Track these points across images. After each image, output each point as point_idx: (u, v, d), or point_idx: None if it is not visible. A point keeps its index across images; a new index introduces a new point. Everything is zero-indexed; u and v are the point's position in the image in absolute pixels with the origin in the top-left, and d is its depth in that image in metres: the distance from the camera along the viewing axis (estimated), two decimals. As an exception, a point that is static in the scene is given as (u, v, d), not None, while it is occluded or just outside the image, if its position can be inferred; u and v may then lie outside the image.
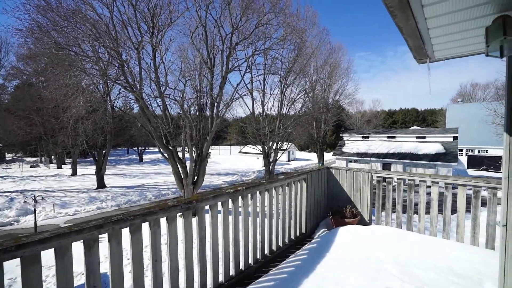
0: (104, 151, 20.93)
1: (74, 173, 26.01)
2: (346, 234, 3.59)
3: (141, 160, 40.39)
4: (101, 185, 20.07)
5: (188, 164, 12.96)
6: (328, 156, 37.24)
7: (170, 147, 12.57)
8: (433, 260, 3.00)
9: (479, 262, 3.01)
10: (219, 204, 2.74)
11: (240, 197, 2.98)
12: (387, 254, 3.10)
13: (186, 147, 13.25)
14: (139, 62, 10.94)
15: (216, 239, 2.72)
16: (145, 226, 2.08)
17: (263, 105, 16.73)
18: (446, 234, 3.63)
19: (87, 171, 28.25)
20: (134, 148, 42.20)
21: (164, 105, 12.25)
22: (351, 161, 25.65)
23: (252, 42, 13.62)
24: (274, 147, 16.66)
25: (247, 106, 16.97)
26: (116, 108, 19.20)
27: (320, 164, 27.29)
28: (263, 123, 16.29)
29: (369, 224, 4.25)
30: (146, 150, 44.58)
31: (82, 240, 1.61)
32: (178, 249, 2.34)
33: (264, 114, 16.82)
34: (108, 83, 17.19)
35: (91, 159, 22.83)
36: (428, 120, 62.75)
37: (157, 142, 12.18)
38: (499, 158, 28.21)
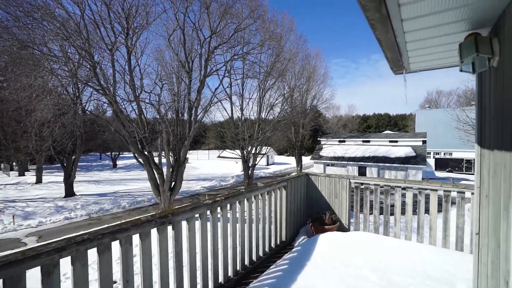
0: (73, 157, 19.69)
1: (39, 180, 24.18)
2: (326, 241, 3.60)
3: (114, 165, 38.54)
4: (70, 193, 18.82)
5: (165, 170, 12.52)
6: (306, 160, 37.87)
7: (146, 153, 12.08)
8: (409, 264, 3.08)
9: (450, 264, 3.13)
10: (196, 216, 2.62)
11: (218, 208, 2.88)
12: (366, 260, 3.14)
13: (163, 152, 12.81)
14: (112, 64, 10.45)
15: (194, 253, 2.59)
16: (116, 244, 1.92)
17: (242, 109, 16.68)
18: (420, 237, 3.77)
19: (54, 178, 26.42)
20: (107, 153, 40.15)
21: (140, 109, 11.78)
22: (328, 165, 26.29)
23: (231, 47, 13.58)
24: (253, 152, 16.63)
25: (226, 111, 16.85)
26: (87, 111, 18.19)
27: (299, 168, 27.69)
28: (242, 127, 16.22)
29: (348, 230, 4.31)
30: (121, 155, 42.61)
31: (39, 267, 1.43)
32: (152, 266, 2.19)
33: (243, 118, 16.76)
34: (79, 85, 16.30)
35: (59, 165, 21.30)
36: (399, 124, 66.20)
37: (132, 148, 11.66)
38: (462, 160, 30.43)
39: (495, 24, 1.41)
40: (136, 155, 12.14)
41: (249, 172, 16.75)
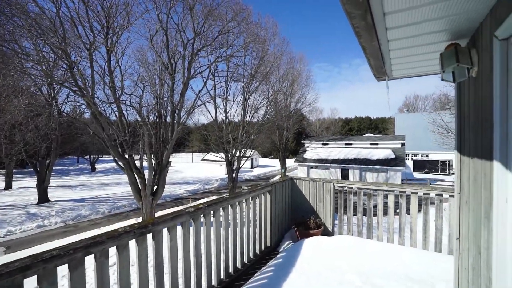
0: (48, 161, 18.67)
1: (8, 186, 22.70)
2: (311, 246, 3.59)
3: (93, 169, 36.98)
4: (43, 199, 17.80)
5: (146, 174, 12.14)
6: (290, 163, 38.22)
7: (127, 156, 11.66)
8: (392, 267, 3.13)
9: (431, 265, 3.22)
10: (178, 227, 2.52)
11: (202, 216, 2.79)
12: (350, 265, 3.15)
13: (145, 156, 12.42)
14: (91, 64, 10.03)
15: (176, 263, 2.48)
16: (90, 259, 1.79)
17: (226, 112, 16.57)
18: (401, 239, 3.85)
19: (26, 183, 24.94)
20: (85, 157, 38.47)
21: (120, 112, 11.37)
22: (312, 167, 26.64)
23: (214, 49, 13.47)
24: (237, 155, 16.52)
25: (210, 113, 16.66)
26: (63, 113, 17.35)
27: (283, 171, 27.87)
28: (226, 130, 16.09)
29: (332, 233, 4.33)
30: (100, 159, 40.97)
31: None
32: (130, 280, 2.06)
33: (227, 121, 16.64)
34: (54, 86, 15.55)
35: (32, 169, 20.09)
36: (380, 127, 68.43)
37: (112, 151, 11.21)
38: (438, 162, 31.91)
39: (473, 36, 1.45)
40: (116, 158, 11.70)
41: (234, 175, 16.62)
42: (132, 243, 2.08)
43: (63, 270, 1.59)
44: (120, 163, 11.75)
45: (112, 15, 9.96)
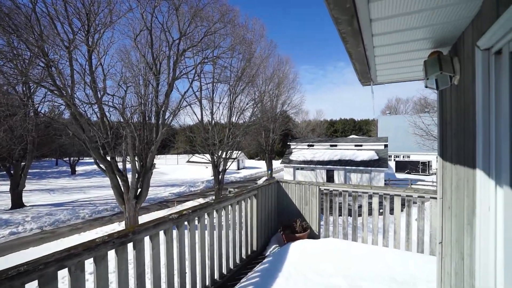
0: (23, 163, 17.75)
1: (-21, 190, 21.42)
2: (297, 250, 3.58)
3: (73, 172, 35.52)
4: (18, 204, 16.89)
5: (130, 176, 11.77)
6: (276, 164, 38.41)
7: (109, 159, 11.28)
8: (377, 270, 3.17)
9: (413, 267, 3.28)
10: (161, 233, 2.42)
11: (186, 222, 2.70)
12: (337, 268, 3.16)
13: (128, 158, 12.05)
14: (70, 63, 9.62)
15: (159, 272, 2.38)
16: (65, 271, 1.68)
17: (212, 113, 16.41)
18: (385, 240, 3.92)
19: (-1, 187, 23.63)
20: (64, 159, 36.90)
21: (102, 113, 10.98)
22: (298, 169, 26.87)
23: (201, 50, 13.31)
24: (223, 156, 16.39)
25: (196, 115, 16.46)
26: (40, 113, 16.55)
27: (269, 172, 27.94)
28: (212, 132, 15.94)
29: (318, 236, 4.35)
30: (80, 161, 39.49)
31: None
32: (109, 293, 1.95)
33: (213, 122, 16.49)
34: (31, 85, 14.83)
35: (5, 172, 19.00)
36: (363, 129, 70.18)
37: (93, 153, 10.80)
38: (418, 162, 33.12)
39: (455, 44, 1.48)
40: (97, 161, 11.28)
41: (220, 177, 16.47)
42: (112, 253, 1.98)
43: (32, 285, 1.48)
44: (101, 165, 11.35)
45: (94, 13, 9.61)
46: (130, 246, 2.16)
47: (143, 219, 13.95)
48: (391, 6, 1.11)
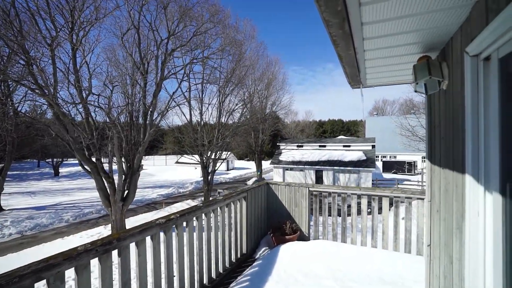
0: (2, 165, 16.99)
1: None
2: (287, 252, 3.57)
3: (56, 174, 34.28)
4: (-4, 207, 16.16)
5: (116, 178, 11.47)
6: (266, 165, 38.46)
7: (94, 160, 10.94)
8: (366, 271, 3.19)
9: (401, 267, 3.33)
10: (148, 239, 2.34)
11: (174, 227, 2.63)
12: (327, 270, 3.17)
13: (114, 159, 11.73)
14: (53, 61, 9.27)
15: (145, 281, 2.30)
16: (42, 284, 1.58)
17: (201, 114, 16.25)
18: (374, 241, 3.96)
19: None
20: (47, 160, 35.56)
21: (87, 113, 10.64)
22: (287, 169, 26.99)
23: (190, 50, 13.15)
24: (212, 157, 16.25)
25: (184, 115, 16.25)
26: (21, 113, 15.89)
27: (259, 173, 27.95)
28: (201, 132, 15.77)
29: (308, 238, 4.35)
30: (64, 162, 38.14)
31: None
32: (91, 304, 1.87)
33: (202, 123, 16.32)
34: (10, 83, 14.22)
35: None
36: (351, 130, 71.36)
37: (77, 155, 10.45)
38: (404, 162, 33.95)
39: (443, 49, 1.49)
40: (82, 162, 10.92)
41: (209, 178, 16.31)
42: (95, 262, 1.89)
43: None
44: (86, 167, 11.01)
45: (78, 9, 9.31)
46: (115, 253, 2.08)
47: (130, 221, 13.63)
48: (383, 10, 1.10)
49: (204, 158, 15.88)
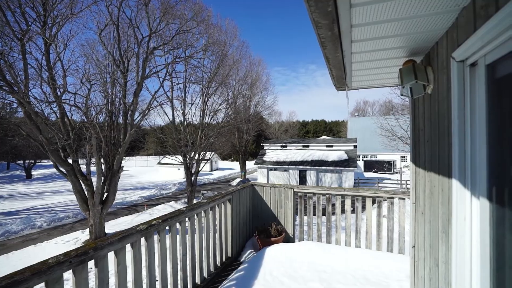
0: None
1: None
2: (273, 255, 3.53)
3: (28, 176, 32.37)
4: (-40, 213, 14.99)
5: (95, 181, 10.97)
6: (250, 165, 38.45)
7: (71, 162, 10.42)
8: (351, 271, 3.22)
9: (385, 266, 3.39)
10: (128, 246, 2.22)
11: (156, 232, 2.52)
12: (313, 272, 3.16)
13: (93, 160, 11.22)
14: (23, 56, 8.71)
15: (125, 291, 2.18)
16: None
17: (184, 114, 15.93)
18: (358, 241, 4.02)
19: None
20: (18, 162, 33.47)
21: (62, 112, 10.10)
22: (271, 169, 27.11)
23: (172, 49, 12.85)
24: (196, 158, 15.98)
25: (167, 115, 15.88)
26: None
27: (243, 173, 27.88)
28: (184, 133, 15.47)
29: (294, 239, 4.35)
30: (38, 164, 36.10)
31: None
32: (65, 320, 1.73)
33: (185, 123, 16.01)
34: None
35: None
36: (334, 130, 72.91)
37: (51, 156, 9.89)
38: (384, 162, 35.13)
39: (428, 54, 1.51)
40: (57, 164, 10.36)
41: (192, 179, 16.02)
42: (69, 274, 1.76)
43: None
44: (62, 169, 10.46)
45: (51, 3, 8.81)
46: (91, 263, 1.95)
47: (109, 225, 13.12)
48: (373, 12, 1.08)
49: (187, 159, 15.58)
